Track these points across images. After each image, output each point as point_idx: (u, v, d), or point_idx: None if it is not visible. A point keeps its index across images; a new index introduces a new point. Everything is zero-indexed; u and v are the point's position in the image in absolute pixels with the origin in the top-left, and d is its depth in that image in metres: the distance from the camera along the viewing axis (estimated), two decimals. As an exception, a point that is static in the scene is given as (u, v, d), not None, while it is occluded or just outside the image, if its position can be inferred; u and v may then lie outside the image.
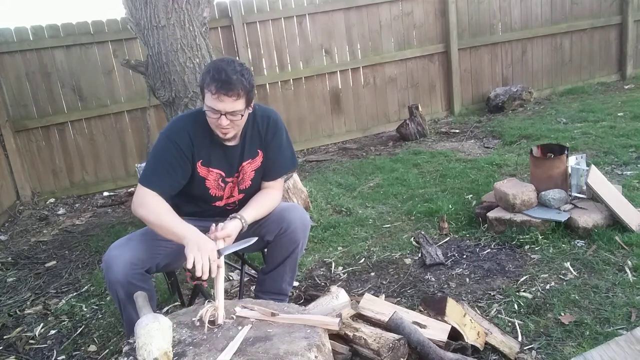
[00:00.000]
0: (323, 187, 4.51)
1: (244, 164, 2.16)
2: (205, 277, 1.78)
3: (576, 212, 3.02)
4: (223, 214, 2.22)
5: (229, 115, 1.94)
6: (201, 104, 3.62)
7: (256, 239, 2.01)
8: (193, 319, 1.70)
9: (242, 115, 1.98)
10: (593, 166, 3.10)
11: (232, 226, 1.98)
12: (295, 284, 2.90)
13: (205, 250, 1.78)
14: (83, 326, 2.87)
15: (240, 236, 2.02)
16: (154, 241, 2.00)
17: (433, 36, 6.52)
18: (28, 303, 3.24)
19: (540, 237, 2.98)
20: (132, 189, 5.59)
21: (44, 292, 3.37)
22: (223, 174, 2.14)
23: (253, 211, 2.10)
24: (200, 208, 2.23)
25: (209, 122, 2.01)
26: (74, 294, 3.28)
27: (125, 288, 1.91)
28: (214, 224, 1.99)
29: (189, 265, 1.77)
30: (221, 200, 2.21)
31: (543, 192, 3.13)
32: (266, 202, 2.18)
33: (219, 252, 1.84)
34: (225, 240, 1.95)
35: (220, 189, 2.17)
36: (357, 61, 6.28)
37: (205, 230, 2.29)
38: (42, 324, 2.94)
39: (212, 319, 1.68)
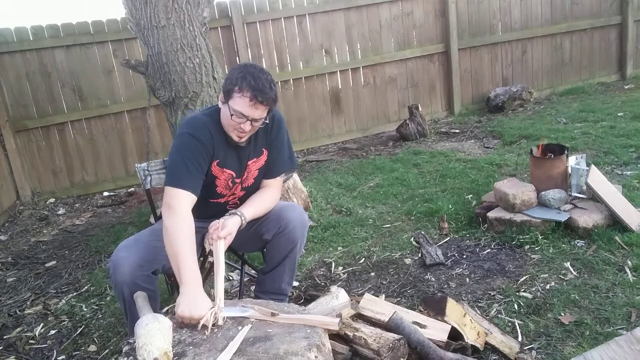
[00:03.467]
0: (323, 187, 4.51)
1: (249, 162, 2.18)
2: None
3: (576, 212, 3.02)
4: (222, 213, 2.22)
5: (253, 122, 1.98)
6: (201, 103, 3.63)
7: (250, 311, 1.75)
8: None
9: (264, 123, 2.03)
10: (593, 166, 3.10)
11: (232, 223, 2.00)
12: (295, 284, 2.90)
13: (196, 314, 1.68)
14: (83, 326, 2.87)
15: (239, 233, 2.02)
16: (161, 243, 2.00)
17: (433, 36, 6.52)
18: (28, 303, 3.24)
19: (540, 237, 2.98)
20: (132, 188, 5.60)
21: (44, 292, 3.37)
22: (234, 175, 2.16)
23: (252, 209, 2.12)
24: (200, 205, 2.22)
25: (227, 123, 2.01)
26: (74, 294, 3.28)
27: (132, 289, 1.91)
28: (222, 218, 2.00)
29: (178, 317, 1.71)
30: (223, 198, 2.22)
31: (543, 192, 3.13)
32: (265, 200, 2.19)
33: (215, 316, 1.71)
34: (227, 239, 1.95)
35: (227, 188, 2.19)
36: (357, 61, 6.28)
37: (207, 231, 2.29)
38: (42, 324, 2.94)
39: (213, 321, 1.67)
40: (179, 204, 1.92)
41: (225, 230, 1.96)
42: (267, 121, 2.05)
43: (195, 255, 1.88)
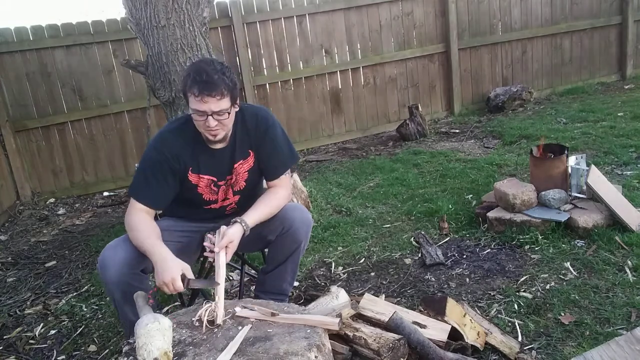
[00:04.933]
0: (323, 187, 4.51)
1: (236, 165, 2.13)
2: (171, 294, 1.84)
3: (576, 212, 3.02)
4: (223, 216, 2.21)
5: (215, 116, 1.91)
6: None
7: (219, 284, 1.82)
8: (193, 319, 1.70)
9: (229, 114, 1.96)
10: (593, 166, 3.10)
11: (232, 232, 1.94)
12: (295, 284, 2.90)
13: (168, 277, 1.77)
14: (83, 326, 2.87)
15: (243, 240, 1.99)
16: None
17: (433, 36, 6.52)
18: (28, 303, 3.24)
19: (540, 237, 2.98)
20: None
21: (44, 292, 3.37)
22: (214, 179, 2.12)
23: (256, 214, 2.05)
24: (195, 211, 2.22)
25: (196, 125, 1.98)
26: (74, 294, 3.28)
27: (121, 288, 1.90)
28: (209, 234, 1.98)
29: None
30: (216, 204, 2.20)
31: (543, 192, 3.13)
32: (271, 201, 2.13)
33: (188, 282, 1.80)
34: (229, 247, 1.91)
35: (213, 193, 2.16)
36: (357, 61, 6.28)
37: (206, 230, 2.28)
38: (42, 324, 2.94)
39: (211, 318, 1.68)
40: (136, 214, 2.00)
41: (225, 239, 1.91)
42: (230, 112, 1.96)
43: (160, 237, 1.93)
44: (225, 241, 1.90)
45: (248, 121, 2.13)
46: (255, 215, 2.05)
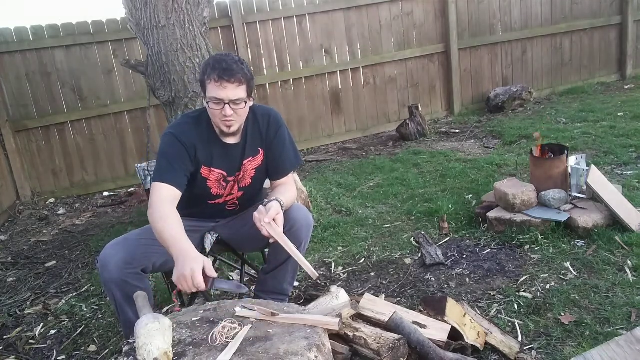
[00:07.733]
0: (323, 187, 4.51)
1: (245, 162, 2.16)
2: (190, 291, 1.73)
3: (576, 212, 3.02)
4: (222, 213, 2.22)
5: (232, 104, 1.95)
6: (201, 103, 3.63)
7: (246, 289, 1.79)
8: (210, 336, 1.60)
9: (245, 104, 2.00)
10: (593, 166, 3.10)
11: (274, 206, 1.96)
12: (295, 284, 2.90)
13: (187, 272, 1.68)
14: (83, 326, 2.87)
15: (241, 233, 2.01)
16: (151, 240, 1.98)
17: (433, 36, 6.52)
18: (28, 303, 3.24)
19: (540, 237, 2.98)
20: (132, 188, 5.59)
21: (44, 292, 3.37)
22: (225, 174, 2.15)
23: (283, 197, 2.07)
24: (198, 207, 2.22)
25: (212, 115, 2.01)
26: (74, 294, 3.28)
27: (121, 287, 1.90)
28: (261, 205, 1.97)
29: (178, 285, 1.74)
30: (220, 198, 2.21)
31: (543, 192, 3.13)
32: (288, 192, 2.16)
33: (212, 282, 1.73)
34: (276, 219, 1.92)
35: (221, 188, 2.18)
36: (357, 61, 6.28)
37: (206, 230, 2.29)
38: (42, 324, 2.94)
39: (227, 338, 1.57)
40: (159, 197, 1.94)
41: (272, 210, 1.91)
42: (247, 102, 1.99)
43: (184, 230, 1.85)
44: (272, 212, 1.91)
45: (260, 120, 2.17)
46: (283, 198, 2.06)
